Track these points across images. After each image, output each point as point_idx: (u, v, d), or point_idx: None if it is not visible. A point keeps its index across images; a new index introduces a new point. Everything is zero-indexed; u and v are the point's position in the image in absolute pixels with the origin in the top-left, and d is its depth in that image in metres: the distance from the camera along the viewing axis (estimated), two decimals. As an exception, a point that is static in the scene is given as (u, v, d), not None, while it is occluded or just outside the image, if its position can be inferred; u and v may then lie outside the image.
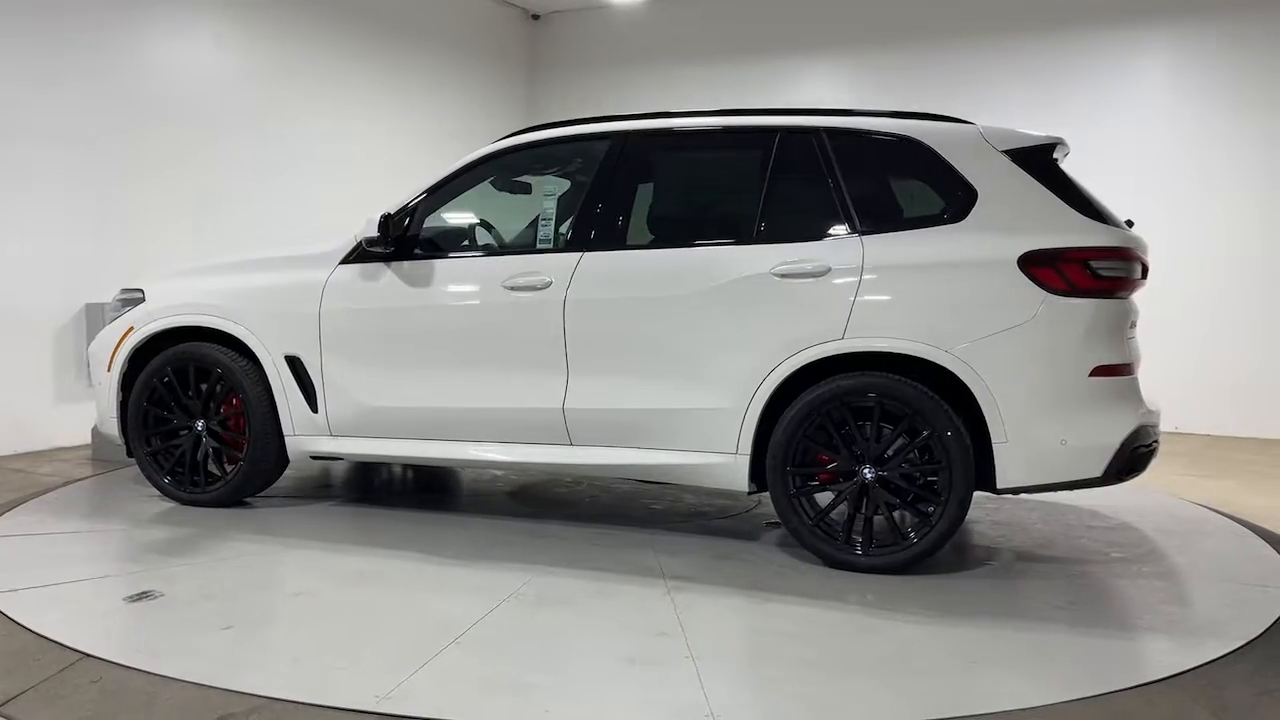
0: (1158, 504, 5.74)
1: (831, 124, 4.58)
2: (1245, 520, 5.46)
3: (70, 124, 7.18)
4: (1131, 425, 4.12)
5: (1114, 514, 5.43)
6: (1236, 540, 5.04)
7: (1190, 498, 6.00)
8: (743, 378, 4.39)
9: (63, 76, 7.11)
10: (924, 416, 4.17)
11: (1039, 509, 5.49)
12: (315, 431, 5.10)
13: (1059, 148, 4.57)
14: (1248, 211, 8.65)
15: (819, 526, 4.35)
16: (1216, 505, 5.79)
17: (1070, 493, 4.82)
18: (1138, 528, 5.16)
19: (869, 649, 3.46)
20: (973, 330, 4.14)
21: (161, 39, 7.86)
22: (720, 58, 10.62)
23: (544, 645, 3.44)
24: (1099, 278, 4.14)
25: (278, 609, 3.80)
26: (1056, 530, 5.10)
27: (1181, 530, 5.17)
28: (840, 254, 4.33)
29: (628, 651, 3.37)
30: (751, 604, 3.89)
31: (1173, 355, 5.37)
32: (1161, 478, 5.73)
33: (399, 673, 3.17)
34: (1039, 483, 4.20)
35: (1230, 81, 8.70)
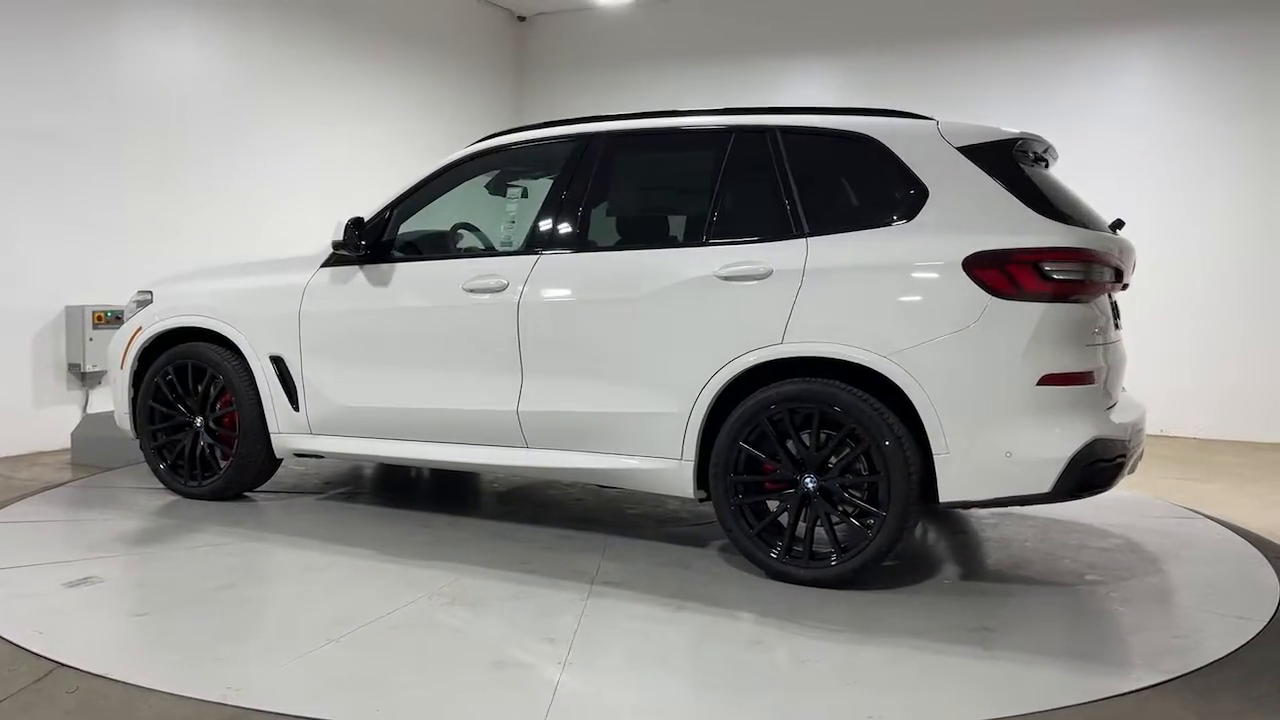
0: (1149, 511, 5.45)
1: (785, 122, 4.45)
2: (1234, 525, 5.24)
3: (52, 125, 7.05)
4: (1084, 438, 3.85)
5: (1112, 529, 5.09)
6: (1225, 551, 4.67)
7: (1181, 502, 5.84)
8: (686, 382, 4.30)
9: (41, 76, 6.98)
10: (863, 425, 4.01)
11: (1037, 524, 5.20)
12: (297, 430, 5.24)
13: (1033, 145, 4.34)
14: (1234, 214, 8.54)
15: (760, 537, 4.22)
16: (1214, 514, 5.55)
17: (1078, 505, 4.69)
18: (1128, 545, 4.82)
19: (752, 663, 3.35)
20: (912, 335, 3.95)
21: (142, 39, 7.68)
22: (708, 59, 10.52)
23: (424, 646, 3.44)
24: (1050, 281, 3.89)
25: (198, 599, 3.91)
26: (1042, 548, 4.81)
27: (1170, 544, 4.82)
28: (783, 256, 4.20)
29: (503, 656, 3.35)
30: (664, 613, 3.80)
31: (1160, 359, 5.05)
32: (1153, 481, 5.41)
33: (269, 665, 3.23)
34: (982, 497, 3.98)
35: (1220, 83, 8.59)
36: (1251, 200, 8.50)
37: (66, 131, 7.18)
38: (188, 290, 5.57)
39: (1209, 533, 5.18)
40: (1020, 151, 4.23)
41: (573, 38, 11.34)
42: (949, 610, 3.87)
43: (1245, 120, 8.48)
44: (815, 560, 4.13)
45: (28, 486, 5.96)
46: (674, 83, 10.41)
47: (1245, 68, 8.50)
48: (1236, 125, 8.51)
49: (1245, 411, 8.44)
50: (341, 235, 4.94)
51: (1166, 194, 8.63)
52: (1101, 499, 5.18)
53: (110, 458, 6.43)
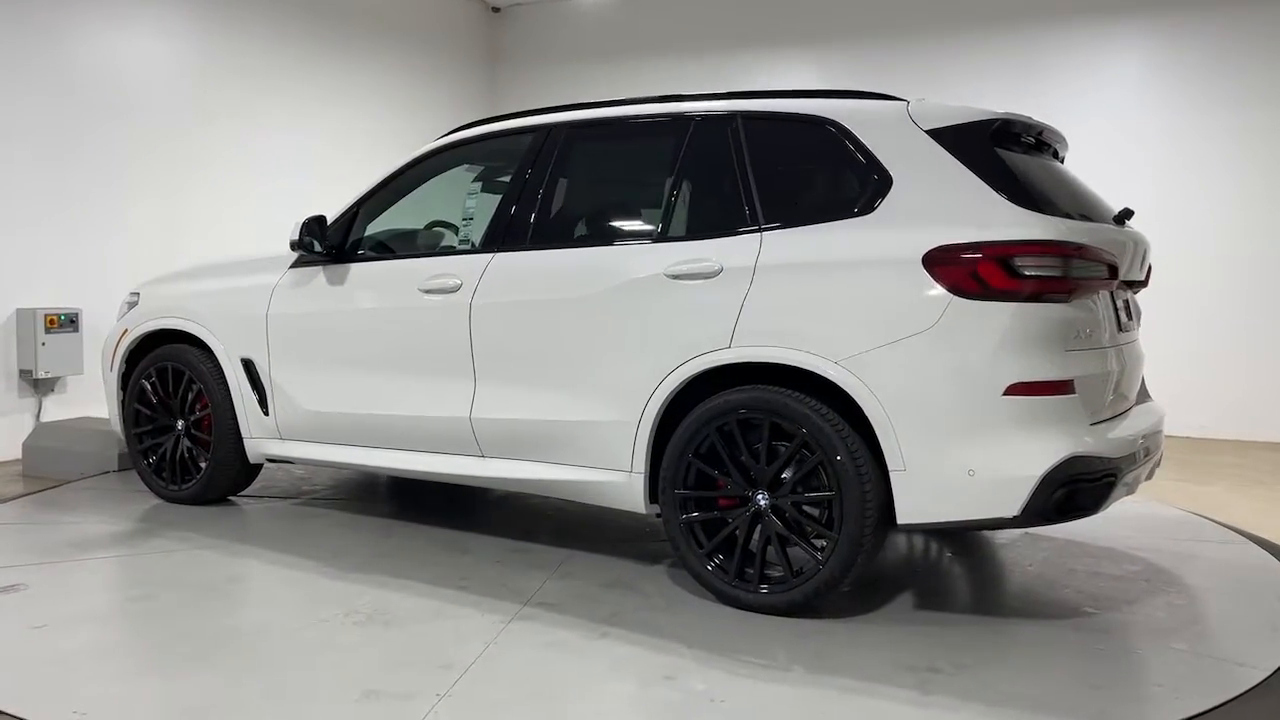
0: (1186, 531, 4.96)
1: (747, 108, 4.10)
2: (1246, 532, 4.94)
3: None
4: (1058, 455, 3.40)
5: (1139, 551, 4.57)
6: (1258, 583, 4.12)
7: (1182, 505, 5.62)
8: (634, 389, 4.00)
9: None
10: (814, 437, 3.64)
11: (1053, 544, 4.71)
12: (267, 434, 5.11)
13: (1018, 127, 3.91)
14: (1230, 210, 8.36)
15: (710, 557, 3.88)
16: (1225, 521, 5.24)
17: (1110, 524, 4.48)
18: (1148, 572, 4.30)
19: (654, 699, 3.05)
20: (866, 339, 3.57)
21: (103, 29, 7.24)
22: (686, 52, 10.19)
23: (304, 669, 3.23)
24: (1022, 278, 3.46)
25: (107, 612, 3.78)
26: (1048, 574, 4.34)
27: (1198, 573, 4.29)
28: (735, 253, 3.86)
29: (380, 684, 3.09)
30: (583, 640, 3.50)
31: (1155, 357, 4.52)
32: (1151, 483, 4.76)
33: (130, 686, 3.07)
34: (943, 520, 3.56)
35: (1214, 76, 8.41)
36: (1248, 196, 8.31)
37: (13, 123, 6.71)
38: (168, 292, 5.49)
39: (1246, 559, 4.62)
40: (1000, 134, 3.79)
41: (548, 30, 11.06)
42: (902, 645, 3.46)
43: (1243, 113, 8.28)
44: (766, 585, 3.77)
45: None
46: (652, 76, 10.06)
47: (1244, 58, 8.30)
48: (1234, 118, 8.31)
49: (1242, 411, 8.30)
50: (297, 235, 4.78)
51: (1160, 189, 8.35)
52: (1142, 516, 4.78)
53: (66, 469, 6.16)
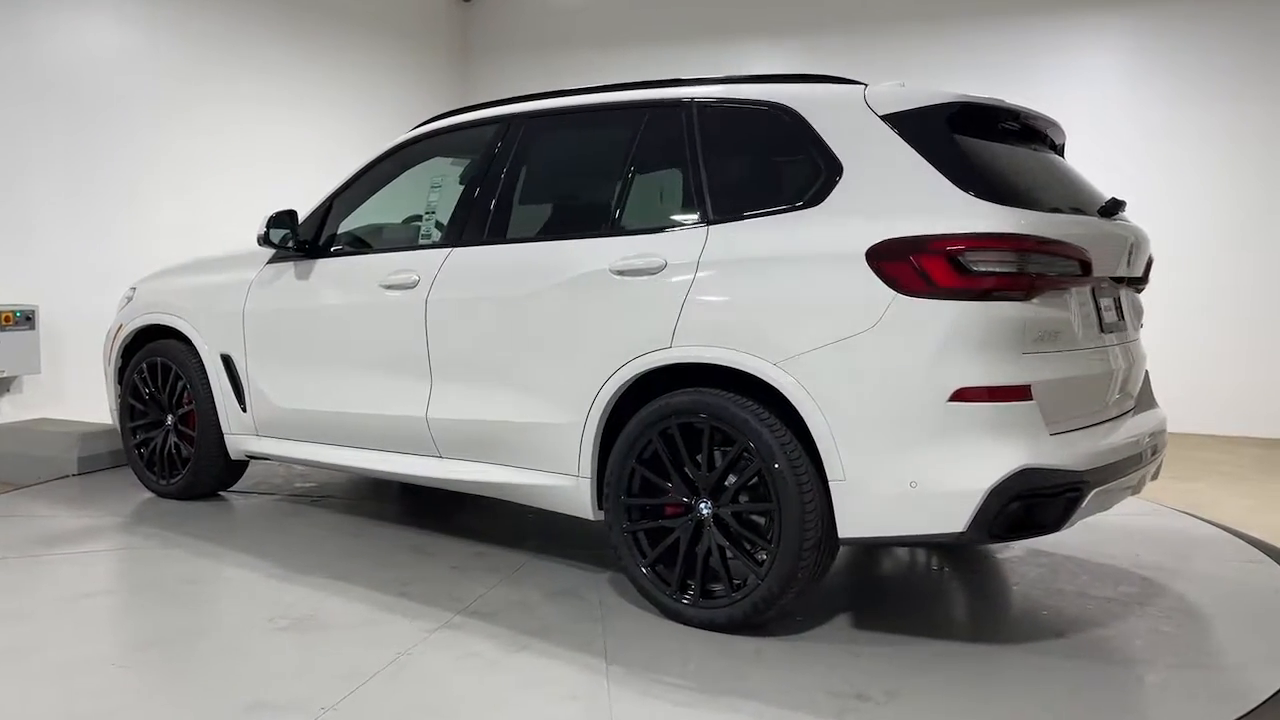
0: (1207, 548, 4.57)
1: (701, 95, 3.89)
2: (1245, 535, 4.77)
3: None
4: (1007, 467, 3.13)
5: (1142, 571, 4.23)
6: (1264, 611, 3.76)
7: (1170, 503, 5.46)
8: (579, 390, 3.82)
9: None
10: (754, 443, 3.42)
11: (1050, 560, 4.40)
12: (245, 431, 5.07)
13: (985, 111, 3.63)
14: (1215, 206, 8.33)
15: (653, 568, 3.69)
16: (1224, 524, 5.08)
17: (1124, 537, 4.32)
18: (1146, 595, 3.97)
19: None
20: (806, 339, 3.34)
21: (60, 25, 7.00)
22: (660, 41, 9.96)
23: (208, 674, 3.15)
24: (971, 274, 3.19)
25: (35, 609, 3.73)
26: (1032, 593, 4.05)
27: (1206, 596, 3.93)
28: (681, 247, 3.66)
29: (271, 696, 2.99)
30: (500, 654, 3.33)
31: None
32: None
33: (26, 686, 3.01)
34: (884, 534, 3.31)
35: (1204, 69, 8.35)
36: (1233, 192, 8.28)
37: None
38: (159, 287, 5.50)
39: (1260, 580, 4.24)
40: (961, 119, 3.51)
41: (520, 20, 10.84)
42: (839, 668, 3.23)
43: (1236, 107, 8.25)
44: (707, 600, 3.57)
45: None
46: (629, 67, 9.60)
47: (1232, 50, 8.27)
48: (1227, 112, 8.28)
49: (1225, 407, 8.25)
50: (262, 230, 4.72)
51: (1144, 184, 7.97)
52: (1135, 519, 4.69)
53: (22, 474, 5.90)
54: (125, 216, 7.50)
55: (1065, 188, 3.77)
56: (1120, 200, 3.81)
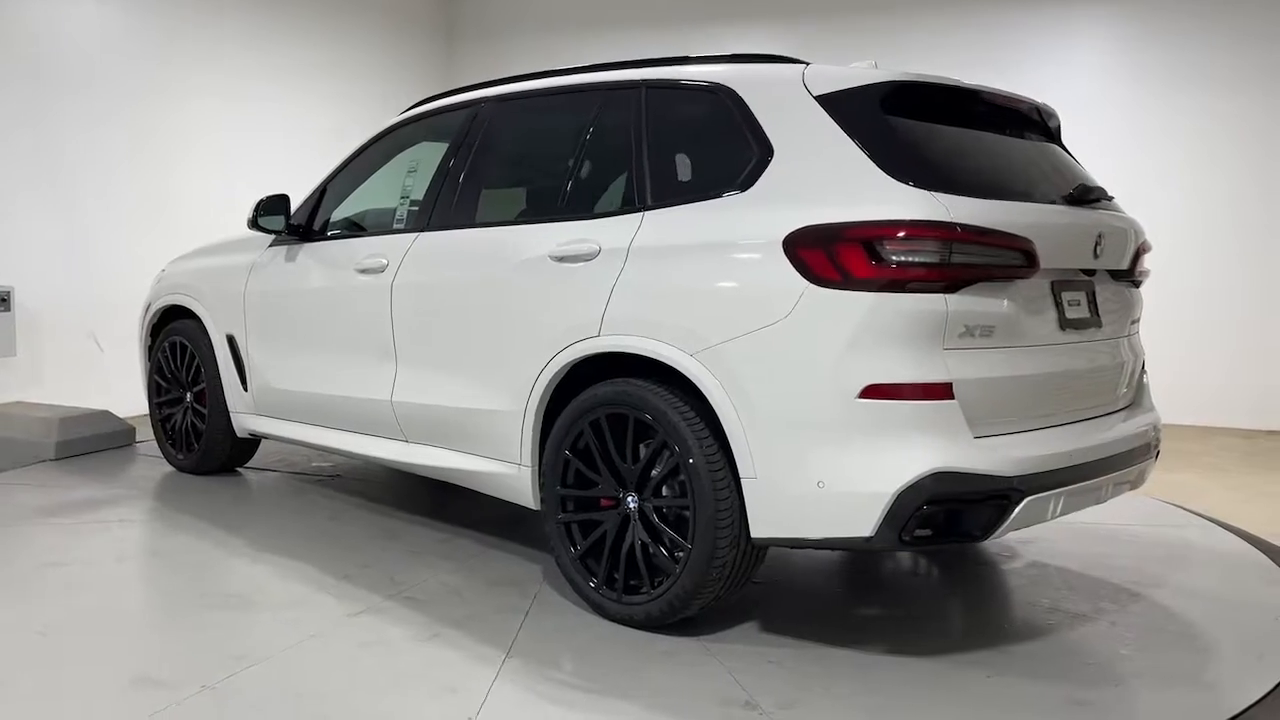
0: (1226, 557, 4.14)
1: (651, 77, 3.78)
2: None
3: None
4: (917, 470, 2.93)
5: (1139, 580, 3.91)
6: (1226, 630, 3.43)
7: (1156, 495, 5.22)
8: (520, 378, 3.77)
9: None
10: (671, 437, 3.31)
11: (1046, 564, 4.13)
12: (247, 409, 5.20)
13: (925, 91, 3.40)
14: (1194, 194, 8.30)
15: (583, 561, 3.61)
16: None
17: (1134, 538, 4.18)
18: (1122, 602, 3.67)
19: (413, 713, 2.83)
20: (722, 330, 3.20)
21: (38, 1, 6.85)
22: (651, 23, 9.72)
23: (110, 649, 3.23)
24: (888, 264, 2.99)
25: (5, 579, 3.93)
26: (1013, 595, 3.81)
27: (1197, 609, 3.61)
28: (614, 233, 3.56)
29: (163, 671, 3.03)
30: (409, 642, 3.30)
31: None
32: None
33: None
34: (793, 536, 3.15)
35: (1191, 58, 8.32)
36: (1213, 181, 8.25)
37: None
38: (181, 268, 5.68)
39: (1232, 569, 3.89)
40: (902, 99, 3.30)
41: (506, 3, 10.57)
42: (742, 673, 3.08)
43: (1211, 95, 8.22)
44: (630, 596, 3.47)
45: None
46: (614, 49, 9.37)
47: (1215, 40, 8.22)
48: (1196, 107, 8.27)
49: (1204, 397, 8.20)
50: (250, 214, 4.82)
51: (1125, 173, 7.48)
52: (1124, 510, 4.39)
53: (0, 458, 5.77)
54: (101, 197, 7.30)
55: (1028, 173, 3.51)
56: (1091, 187, 3.53)
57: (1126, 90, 8.53)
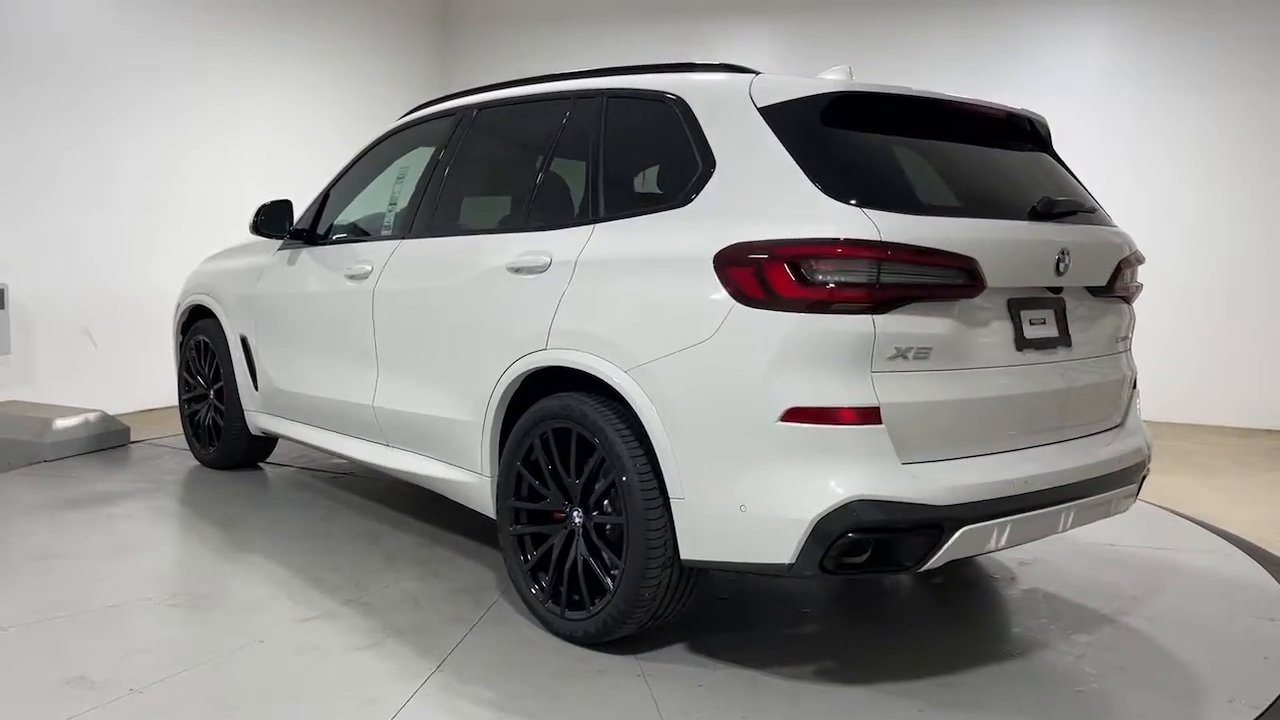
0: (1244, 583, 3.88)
1: (613, 86, 3.73)
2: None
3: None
4: (836, 498, 2.84)
5: (1133, 608, 3.73)
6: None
7: (1146, 497, 4.74)
8: (479, 388, 3.78)
9: None
10: (608, 453, 3.27)
11: (1039, 586, 3.97)
12: (257, 408, 5.33)
13: (870, 101, 3.27)
14: (1193, 193, 8.27)
15: (533, 574, 3.60)
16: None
17: (1145, 554, 4.05)
18: (1102, 637, 3.50)
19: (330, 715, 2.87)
20: (653, 347, 3.15)
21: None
22: (647, 15, 9.54)
23: (56, 647, 3.34)
24: (812, 284, 2.90)
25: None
26: (990, 617, 3.66)
27: (1185, 638, 3.41)
28: (565, 245, 3.54)
29: (99, 671, 3.12)
30: (347, 650, 3.34)
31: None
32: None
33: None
34: (718, 560, 3.09)
35: (1187, 58, 8.28)
36: (1213, 179, 8.20)
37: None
38: (205, 269, 5.85)
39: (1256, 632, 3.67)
40: (847, 110, 3.19)
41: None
42: (663, 700, 3.03)
43: (1209, 92, 8.18)
44: (573, 612, 3.44)
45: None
46: (608, 42, 9.47)
47: (1215, 39, 8.18)
48: (1187, 106, 8.24)
49: (1198, 396, 8.23)
50: (251, 219, 4.92)
51: (1124, 173, 8.15)
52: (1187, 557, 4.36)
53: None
54: (96, 195, 7.24)
55: (990, 186, 3.37)
56: (1058, 200, 3.36)
57: (1132, 90, 8.47)
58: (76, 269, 7.13)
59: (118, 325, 7.38)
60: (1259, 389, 8.23)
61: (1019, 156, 3.61)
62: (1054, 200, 3.35)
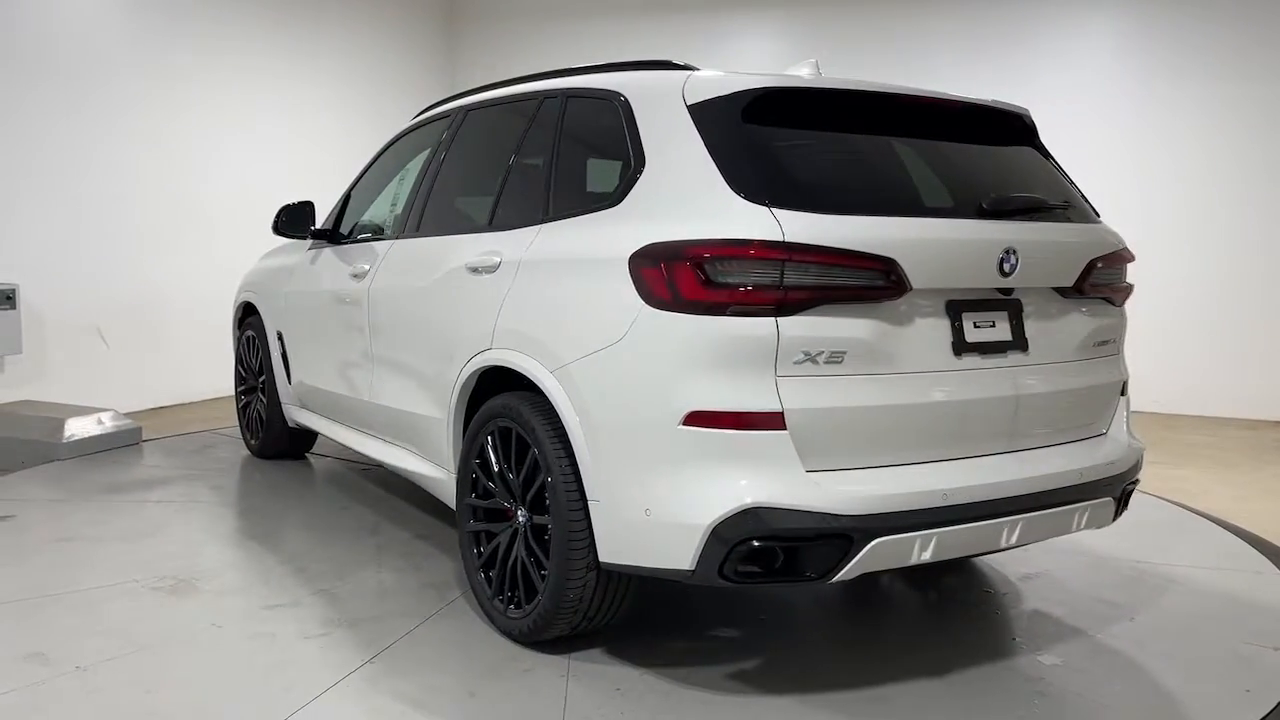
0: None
1: (572, 85, 3.73)
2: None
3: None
4: (732, 504, 2.77)
5: (1125, 622, 3.52)
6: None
7: (1157, 491, 5.41)
8: (442, 386, 3.85)
9: None
10: (539, 452, 3.29)
11: (1034, 589, 3.79)
12: (290, 401, 5.55)
13: (794, 95, 3.18)
14: (1198, 185, 8.27)
15: (484, 571, 3.64)
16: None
17: (1167, 558, 3.85)
18: (1074, 658, 3.30)
19: (251, 701, 2.97)
20: (572, 349, 3.15)
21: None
22: (657, 12, 9.37)
23: (30, 624, 3.56)
24: (715, 285, 2.84)
25: (18, 550, 4.38)
26: (949, 633, 3.52)
27: (1166, 664, 3.20)
28: (515, 246, 3.57)
29: (60, 649, 3.32)
30: (298, 639, 3.45)
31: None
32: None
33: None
34: (627, 564, 3.05)
35: (1187, 50, 8.29)
36: (1217, 171, 8.21)
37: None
38: (255, 268, 6.11)
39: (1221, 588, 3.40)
40: (774, 106, 3.10)
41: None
42: (574, 703, 3.02)
43: (1211, 86, 8.19)
44: (513, 610, 3.47)
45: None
46: (614, 37, 9.29)
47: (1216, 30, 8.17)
48: (1199, 90, 8.23)
49: (1210, 388, 8.26)
50: (273, 220, 5.11)
51: (1127, 165, 8.32)
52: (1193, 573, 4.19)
53: (8, 458, 5.80)
54: (107, 194, 7.31)
55: (934, 183, 3.22)
56: (1008, 197, 3.18)
57: (1133, 86, 8.50)
58: (87, 269, 7.17)
59: (128, 325, 7.49)
60: (1267, 380, 8.18)
61: (978, 151, 3.44)
62: (1004, 197, 3.18)
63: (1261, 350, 8.19)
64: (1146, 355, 7.60)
